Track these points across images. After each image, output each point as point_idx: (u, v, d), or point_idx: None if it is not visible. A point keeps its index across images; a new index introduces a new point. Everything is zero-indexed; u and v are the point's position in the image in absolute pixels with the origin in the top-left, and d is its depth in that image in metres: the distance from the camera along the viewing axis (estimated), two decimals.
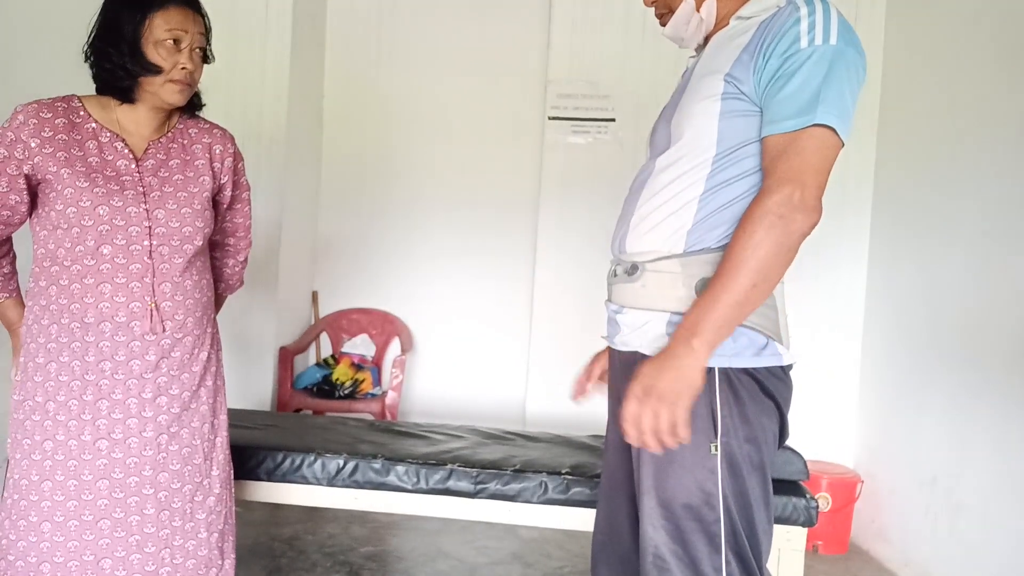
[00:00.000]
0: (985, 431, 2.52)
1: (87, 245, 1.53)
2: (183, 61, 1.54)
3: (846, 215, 3.40)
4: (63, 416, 1.54)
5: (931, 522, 2.78)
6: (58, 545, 1.54)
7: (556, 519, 2.14)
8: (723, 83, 1.26)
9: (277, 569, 2.69)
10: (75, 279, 1.54)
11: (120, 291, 1.55)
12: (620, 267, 1.40)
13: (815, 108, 1.17)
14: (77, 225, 1.52)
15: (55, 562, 1.54)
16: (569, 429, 2.75)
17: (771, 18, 1.26)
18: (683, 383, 1.18)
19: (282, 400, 3.54)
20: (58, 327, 1.55)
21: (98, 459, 1.55)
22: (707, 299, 1.19)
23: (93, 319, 1.54)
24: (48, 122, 1.52)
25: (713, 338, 1.18)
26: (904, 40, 3.27)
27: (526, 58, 3.79)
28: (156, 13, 1.51)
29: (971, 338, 2.62)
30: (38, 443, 1.54)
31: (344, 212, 3.98)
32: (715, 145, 1.27)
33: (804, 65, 1.19)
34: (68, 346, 1.55)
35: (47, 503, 1.54)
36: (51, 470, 1.54)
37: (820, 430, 3.36)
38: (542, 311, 3.69)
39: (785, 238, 1.16)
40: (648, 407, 1.18)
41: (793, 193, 1.15)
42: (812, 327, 3.38)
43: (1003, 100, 2.53)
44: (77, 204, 1.51)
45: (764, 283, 1.17)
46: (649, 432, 1.19)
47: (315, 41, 3.82)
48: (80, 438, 1.54)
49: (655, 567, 1.29)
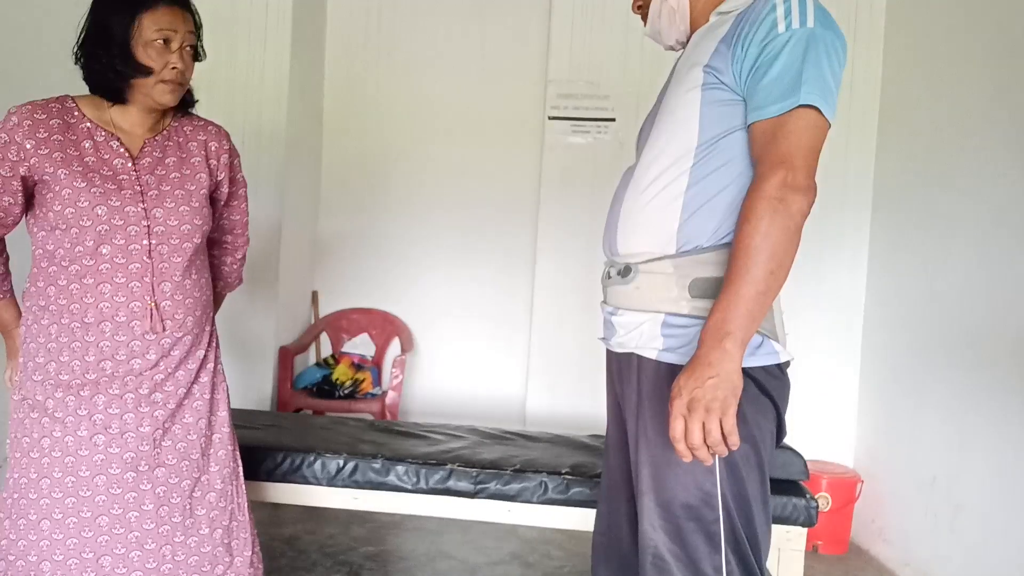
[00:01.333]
0: (985, 431, 2.51)
1: (86, 245, 1.52)
2: (173, 61, 1.53)
3: (846, 214, 3.41)
4: (60, 413, 1.54)
5: (931, 522, 2.78)
6: (57, 543, 1.54)
7: (556, 519, 2.14)
8: (703, 74, 1.28)
9: (277, 569, 2.69)
10: (74, 279, 1.53)
11: (120, 291, 1.54)
12: (613, 269, 1.40)
13: (798, 90, 1.18)
14: (76, 225, 1.51)
15: (55, 560, 1.54)
16: (569, 429, 2.76)
17: (748, 9, 1.27)
18: (726, 389, 1.14)
19: (282, 400, 3.54)
20: (58, 327, 1.55)
21: (95, 454, 1.55)
22: (729, 297, 1.16)
23: (93, 319, 1.54)
24: (43, 123, 1.52)
25: (743, 335, 1.16)
26: (904, 40, 3.27)
27: (526, 58, 3.79)
28: (145, 13, 1.50)
29: (971, 338, 2.62)
30: (36, 440, 1.54)
31: (344, 212, 3.98)
32: (697, 135, 1.28)
33: (783, 50, 1.20)
34: (68, 346, 1.55)
35: (46, 500, 1.54)
36: (48, 467, 1.54)
37: (820, 430, 3.36)
38: (542, 311, 3.69)
39: (789, 220, 1.16)
40: (695, 422, 1.14)
41: (787, 176, 1.16)
42: (812, 327, 3.38)
43: (1003, 99, 2.53)
44: (75, 204, 1.51)
45: (780, 269, 1.16)
46: (700, 447, 1.15)
47: (315, 41, 3.82)
48: (76, 433, 1.54)
49: (654, 567, 1.28)
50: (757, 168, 1.21)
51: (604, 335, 1.45)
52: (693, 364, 1.17)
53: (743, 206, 1.19)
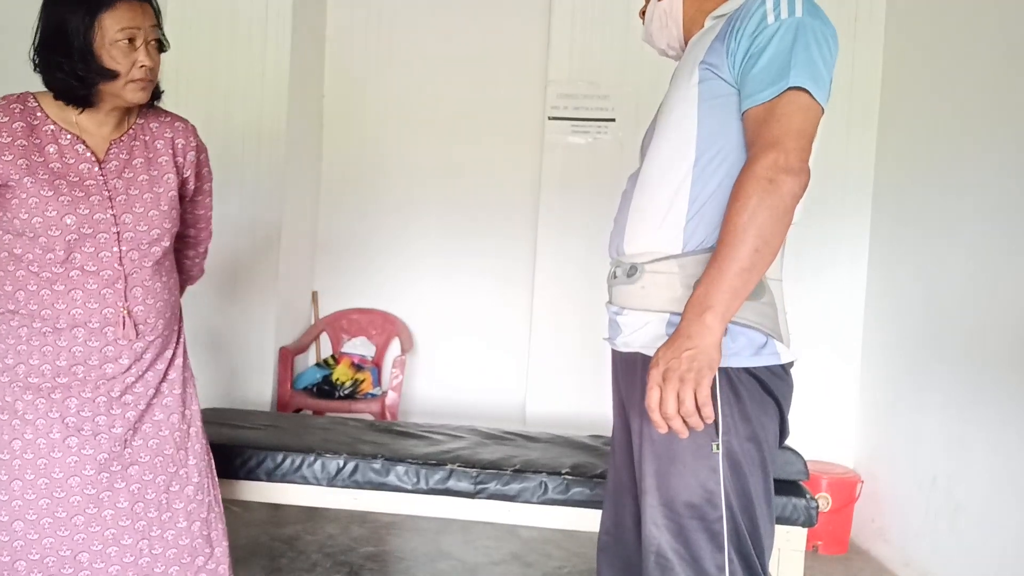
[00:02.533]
0: (985, 431, 2.51)
1: (56, 253, 1.49)
2: (141, 59, 1.47)
3: (846, 214, 3.41)
4: (31, 415, 1.53)
5: (931, 522, 2.78)
6: (32, 542, 1.53)
7: (556, 519, 2.14)
8: (699, 70, 1.29)
9: (277, 569, 2.69)
10: (44, 284, 1.51)
11: (92, 297, 1.52)
12: (619, 269, 1.40)
13: (787, 74, 1.19)
14: (44, 235, 1.48)
15: (31, 559, 1.53)
16: (569, 429, 2.76)
17: (739, 7, 1.29)
18: (702, 361, 1.15)
19: (282, 400, 3.54)
20: (28, 330, 1.53)
21: (68, 456, 1.53)
22: (712, 272, 1.17)
23: (65, 324, 1.52)
24: (5, 126, 1.47)
25: (724, 310, 1.16)
26: (904, 40, 3.27)
27: (526, 58, 3.79)
28: (105, 13, 1.43)
29: (971, 338, 2.62)
30: (6, 442, 1.52)
31: (344, 212, 3.98)
32: (696, 131, 1.29)
33: (772, 39, 1.21)
34: (39, 349, 1.53)
35: (18, 502, 1.52)
36: (20, 469, 1.52)
37: (820, 430, 3.36)
38: (542, 311, 3.69)
39: (779, 201, 1.16)
40: (670, 391, 1.16)
41: (778, 157, 1.16)
42: (812, 327, 3.37)
43: (1003, 99, 2.53)
44: (43, 214, 1.47)
45: (765, 247, 1.16)
46: (674, 416, 1.16)
47: (315, 41, 3.82)
48: (49, 436, 1.53)
49: (658, 566, 1.28)
50: (749, 150, 1.22)
51: (609, 335, 1.45)
52: (673, 336, 1.19)
53: (734, 185, 1.20)
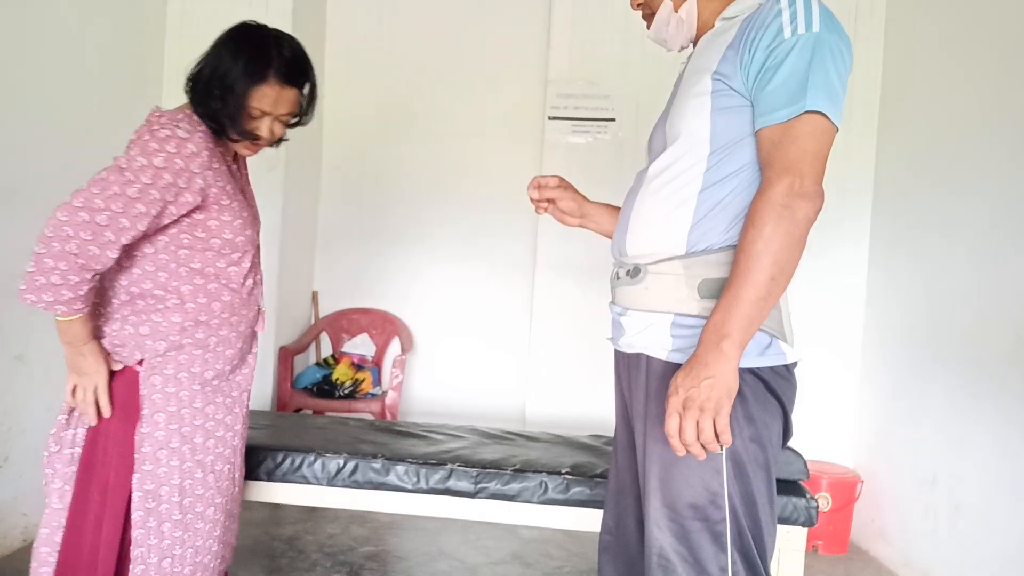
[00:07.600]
0: (985, 431, 2.52)
1: (241, 266, 1.62)
2: (261, 130, 1.59)
3: (846, 214, 3.41)
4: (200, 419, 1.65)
5: (931, 522, 2.78)
6: (199, 532, 1.66)
7: (556, 519, 2.14)
8: (712, 81, 1.28)
9: (277, 569, 2.69)
10: (233, 293, 1.62)
11: (249, 304, 1.68)
12: (622, 269, 1.40)
13: (804, 95, 1.18)
14: (229, 246, 1.59)
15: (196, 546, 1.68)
16: (569, 429, 2.76)
17: (754, 14, 1.27)
18: (720, 390, 1.16)
19: (282, 400, 3.54)
20: (216, 339, 1.61)
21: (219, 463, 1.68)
22: (729, 299, 1.17)
23: (230, 332, 1.65)
24: (215, 153, 1.53)
25: (741, 338, 1.17)
26: (904, 40, 3.27)
27: (526, 58, 3.79)
28: (262, 86, 1.54)
29: (971, 338, 2.62)
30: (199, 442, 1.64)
31: (344, 212, 3.98)
32: (709, 142, 1.28)
33: (789, 55, 1.20)
34: (223, 354, 1.64)
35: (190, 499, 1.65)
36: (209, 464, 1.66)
37: (820, 430, 3.36)
38: (542, 311, 3.69)
39: (794, 227, 1.16)
40: (690, 420, 1.17)
41: (793, 182, 1.16)
42: (812, 327, 3.37)
43: (1003, 99, 2.53)
44: (231, 227, 1.58)
45: (781, 275, 1.17)
46: (694, 443, 1.18)
47: (315, 42, 3.82)
48: (215, 435, 1.66)
49: (660, 567, 1.28)
50: (764, 173, 1.21)
51: (612, 336, 1.45)
52: (691, 363, 1.19)
53: (749, 210, 1.20)
